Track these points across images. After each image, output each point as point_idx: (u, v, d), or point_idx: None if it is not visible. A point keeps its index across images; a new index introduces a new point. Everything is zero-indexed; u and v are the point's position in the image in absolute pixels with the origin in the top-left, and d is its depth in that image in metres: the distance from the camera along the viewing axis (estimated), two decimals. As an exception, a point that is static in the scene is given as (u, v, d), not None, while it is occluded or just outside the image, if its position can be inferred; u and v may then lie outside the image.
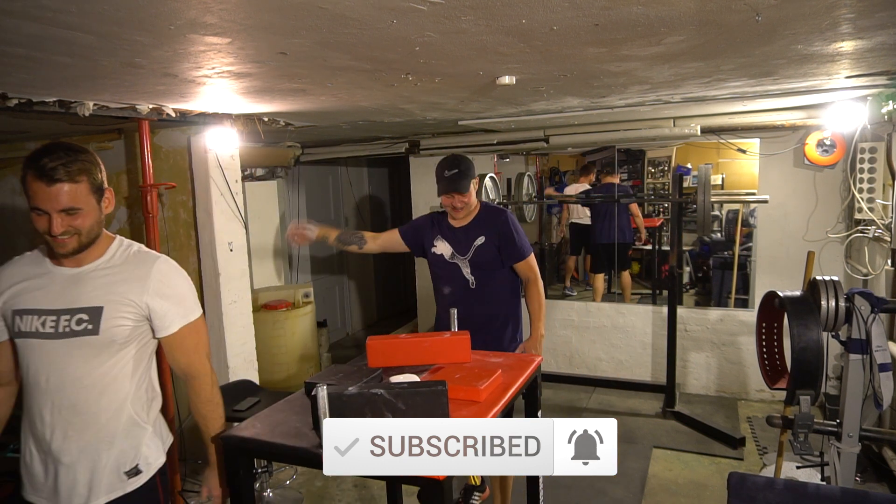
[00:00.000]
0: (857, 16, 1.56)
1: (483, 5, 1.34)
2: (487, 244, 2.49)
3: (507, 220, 2.51)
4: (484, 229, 2.51)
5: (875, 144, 3.53)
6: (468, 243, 2.52)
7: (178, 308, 1.61)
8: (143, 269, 1.59)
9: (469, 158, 2.53)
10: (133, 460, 1.58)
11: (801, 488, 1.68)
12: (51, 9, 1.24)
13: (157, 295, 1.57)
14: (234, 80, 2.09)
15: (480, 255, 2.51)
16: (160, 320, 1.58)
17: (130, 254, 1.63)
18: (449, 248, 2.58)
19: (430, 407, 1.60)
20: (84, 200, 1.49)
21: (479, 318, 2.47)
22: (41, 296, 1.53)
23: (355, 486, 3.33)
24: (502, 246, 2.50)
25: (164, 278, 1.60)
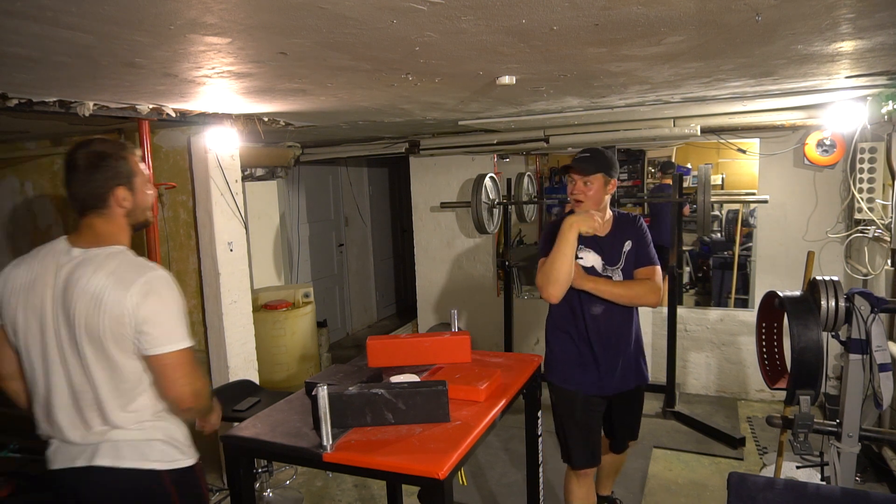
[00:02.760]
0: (857, 16, 1.56)
1: (483, 5, 1.34)
2: (633, 250, 2.31)
3: (643, 224, 2.36)
4: (628, 234, 2.33)
5: (875, 144, 3.53)
6: (618, 251, 2.30)
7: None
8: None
9: (611, 155, 2.31)
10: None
11: (801, 488, 1.68)
12: (51, 9, 1.24)
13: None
14: (234, 80, 2.09)
15: (629, 263, 2.30)
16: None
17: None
18: (598, 259, 2.30)
19: (430, 407, 1.61)
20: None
21: (630, 338, 2.34)
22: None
23: (355, 486, 3.33)
24: (638, 248, 2.32)
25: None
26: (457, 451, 1.46)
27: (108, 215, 1.60)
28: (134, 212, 1.64)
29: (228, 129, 3.15)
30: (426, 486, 1.44)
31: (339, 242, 6.36)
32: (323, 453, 1.49)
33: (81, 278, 1.52)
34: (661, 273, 2.30)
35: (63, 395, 1.55)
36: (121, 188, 1.58)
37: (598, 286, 2.22)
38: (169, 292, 1.55)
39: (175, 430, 1.64)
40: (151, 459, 1.57)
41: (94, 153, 1.56)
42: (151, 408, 1.59)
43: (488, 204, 4.53)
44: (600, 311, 2.28)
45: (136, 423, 1.56)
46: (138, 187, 1.63)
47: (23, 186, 3.89)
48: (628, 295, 2.25)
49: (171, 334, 1.55)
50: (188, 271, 3.33)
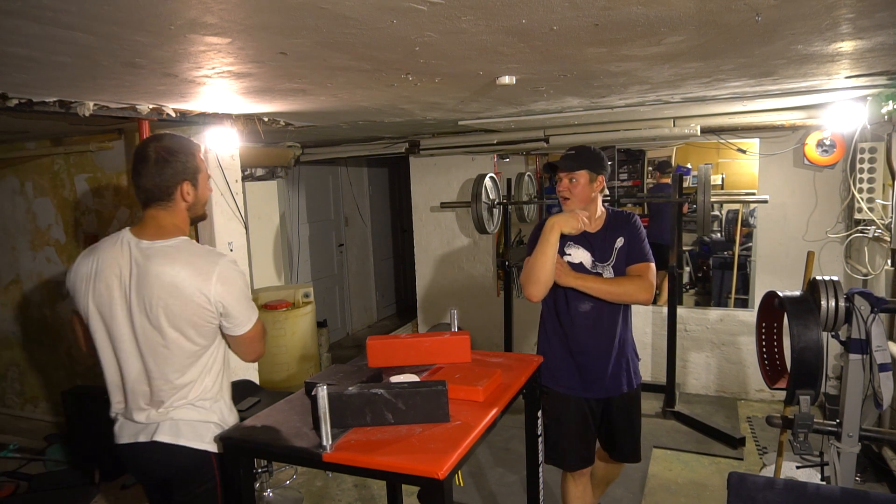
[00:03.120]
0: (857, 16, 1.56)
1: (483, 5, 1.34)
2: (625, 246, 2.26)
3: (638, 221, 2.32)
4: (621, 231, 2.28)
5: (875, 144, 3.53)
6: (609, 247, 2.27)
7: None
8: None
9: (598, 151, 2.28)
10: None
11: (800, 488, 1.69)
12: (51, 9, 1.24)
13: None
14: (234, 80, 2.09)
15: (621, 259, 2.26)
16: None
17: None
18: (588, 256, 2.28)
19: (430, 407, 1.61)
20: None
21: (617, 335, 2.29)
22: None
23: (355, 486, 3.33)
24: (631, 245, 2.27)
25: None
26: (457, 451, 1.46)
27: (171, 208, 1.69)
28: (195, 206, 1.74)
29: (228, 129, 3.16)
30: (426, 486, 1.44)
31: (339, 242, 6.36)
32: (323, 453, 1.49)
33: (155, 268, 1.61)
34: (654, 270, 2.24)
35: (132, 377, 1.68)
36: (186, 183, 1.69)
37: (586, 283, 2.19)
38: (239, 276, 1.69)
39: (228, 414, 1.77)
40: (205, 441, 1.69)
41: (165, 148, 1.65)
42: (213, 390, 1.72)
43: (488, 204, 4.53)
44: (588, 308, 2.24)
45: (197, 405, 1.69)
46: (201, 183, 1.74)
47: (23, 186, 3.89)
48: (617, 292, 2.19)
49: (250, 313, 1.72)
50: (188, 271, 3.33)
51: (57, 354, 3.99)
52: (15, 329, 4.14)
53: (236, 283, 1.67)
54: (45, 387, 4.09)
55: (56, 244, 3.83)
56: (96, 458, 3.53)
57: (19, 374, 4.20)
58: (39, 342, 4.05)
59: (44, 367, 4.06)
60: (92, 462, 3.51)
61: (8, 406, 4.29)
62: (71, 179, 3.70)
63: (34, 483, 3.34)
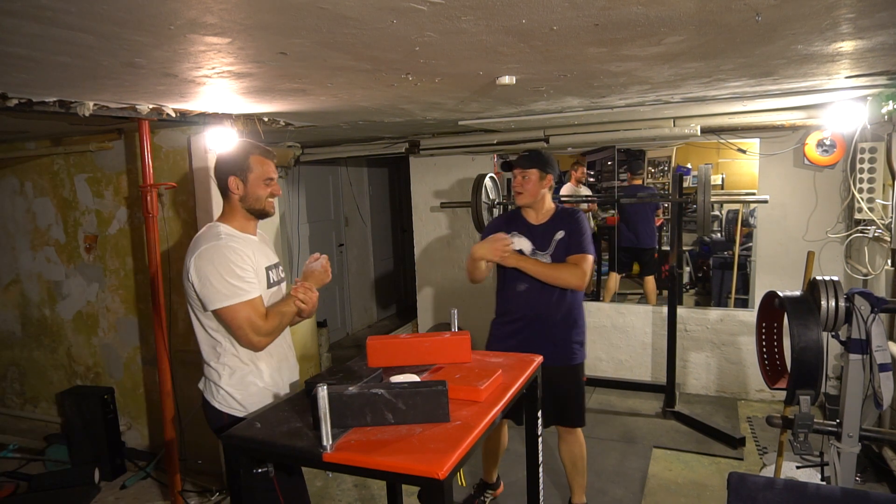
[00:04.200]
0: (857, 16, 1.56)
1: (483, 5, 1.34)
2: (565, 239, 2.61)
3: (582, 217, 2.66)
4: (562, 225, 2.63)
5: (875, 144, 3.53)
6: (549, 238, 2.63)
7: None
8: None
9: (549, 155, 2.68)
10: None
11: (801, 488, 1.69)
12: (51, 9, 1.24)
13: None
14: (234, 80, 2.09)
15: (560, 250, 2.60)
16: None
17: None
18: (528, 244, 2.65)
19: (430, 407, 1.60)
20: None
21: (554, 315, 2.61)
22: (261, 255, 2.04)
23: (355, 485, 3.33)
24: (571, 238, 2.60)
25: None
26: (457, 451, 1.46)
27: (229, 199, 2.02)
28: (245, 199, 1.99)
29: (228, 129, 3.15)
30: (426, 486, 1.43)
31: (339, 242, 6.36)
32: (323, 453, 1.49)
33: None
34: (591, 261, 2.56)
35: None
36: (233, 177, 1.97)
37: (526, 264, 2.55)
38: (208, 265, 1.87)
39: (224, 378, 1.99)
40: (217, 400, 2.00)
41: (230, 148, 2.04)
42: (213, 361, 2.01)
43: (488, 204, 4.53)
44: (524, 287, 2.60)
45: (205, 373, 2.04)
46: (251, 181, 1.98)
47: (22, 186, 3.89)
48: (552, 275, 2.54)
49: (216, 295, 1.87)
50: (188, 271, 3.33)
51: (57, 354, 3.99)
52: (15, 329, 4.14)
53: (209, 264, 1.87)
54: (45, 387, 4.09)
55: (56, 244, 3.83)
56: (96, 458, 3.53)
57: (19, 374, 4.20)
58: (39, 342, 4.05)
59: (43, 367, 4.07)
60: (92, 462, 3.51)
61: (8, 406, 4.29)
62: (71, 179, 3.70)
63: (34, 483, 3.35)
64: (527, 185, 2.61)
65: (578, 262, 2.55)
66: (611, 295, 5.49)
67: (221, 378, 2.00)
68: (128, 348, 3.69)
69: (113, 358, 3.76)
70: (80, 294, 3.80)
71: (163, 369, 3.10)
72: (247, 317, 1.89)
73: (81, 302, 3.81)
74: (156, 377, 3.34)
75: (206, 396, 2.05)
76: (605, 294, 5.53)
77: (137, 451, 3.74)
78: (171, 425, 3.15)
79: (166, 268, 3.30)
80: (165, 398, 3.13)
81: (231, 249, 1.90)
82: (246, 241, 1.99)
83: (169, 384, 3.13)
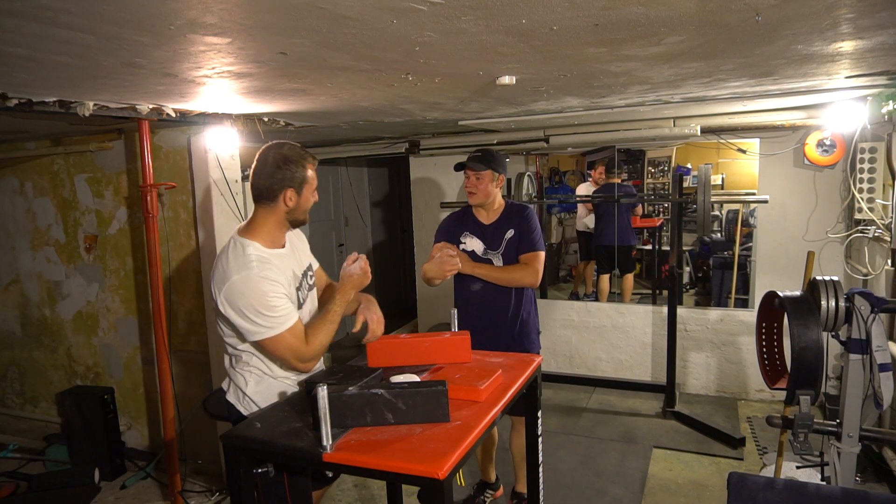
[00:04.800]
0: (857, 16, 1.56)
1: (483, 5, 1.34)
2: (515, 237, 2.65)
3: (530, 214, 2.68)
4: (512, 223, 2.67)
5: (875, 144, 3.53)
6: (499, 238, 2.67)
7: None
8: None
9: (500, 155, 2.70)
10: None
11: (801, 488, 1.68)
12: (51, 9, 1.24)
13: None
14: (234, 80, 2.09)
15: (511, 248, 2.65)
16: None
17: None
18: (480, 244, 2.70)
19: (430, 407, 1.60)
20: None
21: (507, 311, 2.66)
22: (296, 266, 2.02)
23: (355, 486, 3.33)
24: (521, 236, 2.64)
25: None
26: (457, 451, 1.46)
27: (272, 208, 1.90)
28: (294, 211, 1.92)
29: (228, 129, 3.16)
30: (426, 486, 1.44)
31: (339, 242, 6.36)
32: (323, 453, 1.49)
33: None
34: (542, 258, 2.61)
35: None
36: (290, 190, 1.88)
37: (481, 270, 2.62)
38: (241, 298, 1.79)
39: (250, 386, 1.95)
40: (242, 405, 1.96)
41: (282, 156, 1.87)
42: (257, 371, 1.95)
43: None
44: (478, 287, 2.66)
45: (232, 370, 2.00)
46: (305, 193, 1.92)
47: (22, 186, 3.89)
48: (506, 278, 2.61)
49: (254, 327, 1.81)
50: (188, 271, 3.33)
51: (57, 354, 3.99)
52: (15, 329, 4.14)
53: (236, 306, 1.79)
54: (45, 387, 4.09)
55: (56, 244, 3.83)
56: (96, 458, 3.53)
57: (19, 374, 4.20)
58: (39, 342, 4.05)
59: (43, 367, 4.06)
60: (92, 462, 3.51)
61: (8, 406, 4.29)
62: (71, 179, 3.70)
63: (34, 483, 3.35)
64: (480, 186, 2.63)
65: (530, 261, 2.60)
66: (605, 295, 5.49)
67: (248, 385, 1.95)
68: (128, 348, 3.69)
69: (113, 358, 3.76)
70: (80, 294, 3.80)
71: (163, 369, 3.10)
72: (288, 346, 1.84)
73: (81, 302, 3.81)
74: (156, 377, 3.34)
75: (230, 399, 2.00)
76: (601, 296, 5.53)
77: (137, 451, 3.74)
78: (171, 425, 3.15)
79: (166, 268, 3.30)
80: (165, 398, 3.13)
81: (264, 280, 1.80)
82: (276, 262, 1.89)
83: (169, 384, 3.13)
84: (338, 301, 1.99)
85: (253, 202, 1.93)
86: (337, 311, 1.97)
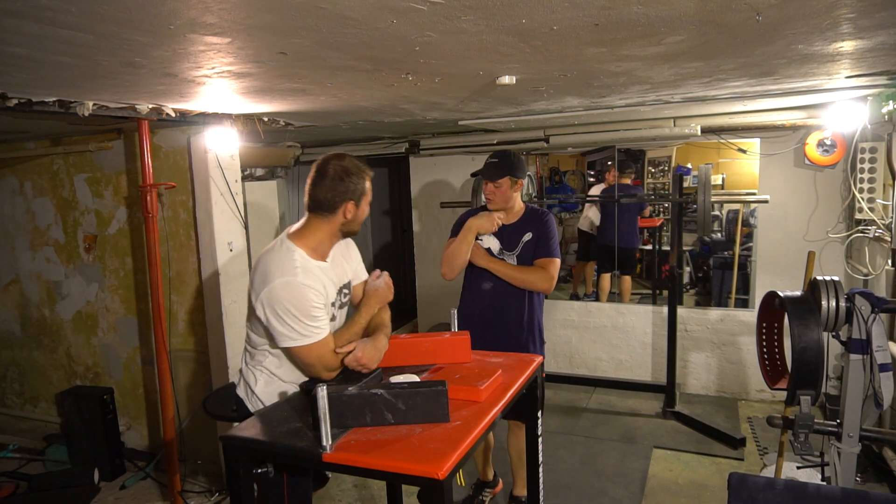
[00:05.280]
0: (857, 16, 1.56)
1: (483, 5, 1.34)
2: (533, 241, 2.63)
3: (550, 221, 2.68)
4: (530, 227, 2.66)
5: (875, 144, 3.53)
6: (517, 239, 2.65)
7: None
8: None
9: (518, 156, 2.66)
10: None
11: (801, 488, 1.68)
12: (51, 9, 1.24)
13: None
14: (234, 80, 2.09)
15: (526, 251, 2.64)
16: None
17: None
18: (497, 243, 2.69)
19: (430, 407, 1.60)
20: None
21: (515, 316, 2.65)
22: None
23: (355, 486, 3.33)
24: (539, 241, 2.63)
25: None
26: (457, 451, 1.46)
27: (329, 220, 1.91)
28: (351, 223, 1.94)
29: (228, 129, 3.15)
30: (426, 486, 1.43)
31: (339, 242, 6.34)
32: (323, 453, 1.49)
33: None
34: (557, 265, 2.60)
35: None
36: (350, 203, 1.90)
37: (495, 266, 2.60)
38: (282, 303, 1.80)
39: (259, 385, 1.98)
40: (250, 402, 1.99)
41: (343, 168, 1.88)
42: (268, 372, 1.97)
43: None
44: (489, 287, 2.64)
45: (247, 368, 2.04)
46: (362, 206, 1.95)
47: (22, 186, 3.89)
48: (520, 277, 2.59)
49: (288, 334, 1.83)
50: (188, 271, 3.33)
51: (56, 354, 3.99)
52: (14, 329, 4.13)
53: (284, 302, 1.80)
54: (45, 387, 4.09)
55: (55, 244, 3.83)
56: (96, 458, 3.53)
57: (19, 374, 4.20)
58: (39, 342, 4.04)
59: (43, 367, 4.06)
60: (91, 462, 3.51)
61: (7, 406, 4.29)
62: (70, 179, 3.70)
63: (34, 483, 3.34)
64: (498, 193, 2.62)
65: (546, 265, 2.58)
66: (605, 294, 5.49)
67: (257, 384, 1.97)
68: (127, 348, 3.68)
69: (112, 358, 3.75)
70: (80, 294, 3.80)
71: (162, 369, 3.10)
72: (318, 355, 1.86)
73: (81, 302, 3.81)
74: (155, 377, 3.34)
75: (240, 394, 2.04)
76: (601, 294, 5.53)
77: (137, 451, 3.74)
78: (171, 425, 3.14)
79: (166, 268, 3.29)
80: (165, 398, 3.12)
81: (308, 289, 1.82)
82: (320, 274, 1.90)
83: (168, 384, 3.12)
84: (363, 314, 2.03)
85: (307, 211, 1.93)
86: (361, 323, 2.01)
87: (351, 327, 1.99)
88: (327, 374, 1.90)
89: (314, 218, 1.92)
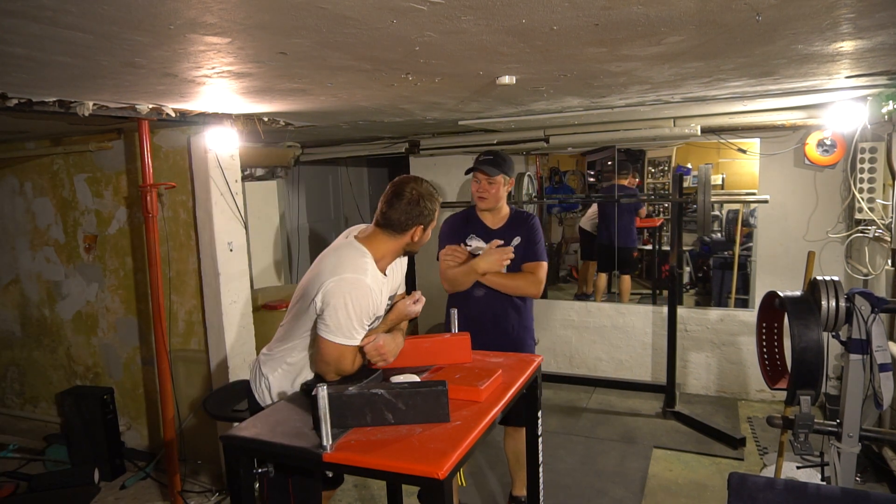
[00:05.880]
0: (857, 16, 1.56)
1: (483, 5, 1.34)
2: (522, 245, 2.62)
3: (536, 223, 2.67)
4: (518, 231, 2.64)
5: (875, 144, 3.53)
6: (506, 244, 2.61)
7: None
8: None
9: (508, 156, 2.66)
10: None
11: (801, 488, 1.68)
12: (51, 9, 1.24)
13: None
14: (234, 80, 2.09)
15: (515, 257, 2.60)
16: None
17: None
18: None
19: (430, 407, 1.60)
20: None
21: (507, 319, 2.64)
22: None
23: (355, 486, 3.33)
24: (527, 245, 2.62)
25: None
26: (457, 451, 1.46)
27: (397, 238, 1.95)
28: (414, 245, 1.99)
29: (228, 129, 3.15)
30: (426, 486, 1.44)
31: (338, 242, 6.35)
32: (323, 453, 1.49)
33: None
34: (545, 268, 2.61)
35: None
36: (420, 227, 1.95)
37: (486, 277, 2.57)
38: (344, 297, 1.81)
39: (278, 376, 2.02)
40: (262, 398, 2.04)
41: (419, 193, 1.94)
42: (287, 369, 2.01)
43: (488, 204, 4.53)
44: (482, 293, 2.62)
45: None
46: (427, 231, 2.00)
47: (22, 186, 3.89)
48: (511, 285, 2.59)
49: (332, 325, 1.84)
50: (188, 271, 3.33)
51: (56, 354, 3.99)
52: (14, 329, 4.13)
53: (345, 297, 1.82)
54: (45, 387, 4.09)
55: (55, 244, 3.83)
56: (96, 458, 3.53)
57: (19, 374, 4.20)
58: (39, 342, 4.04)
59: (43, 367, 4.06)
60: (91, 462, 3.51)
61: (7, 406, 4.29)
62: (70, 179, 3.70)
63: (34, 483, 3.34)
64: (492, 191, 2.60)
65: (534, 270, 2.59)
66: (601, 294, 5.49)
67: (271, 380, 2.01)
68: (127, 348, 3.68)
69: (112, 358, 3.75)
70: (80, 294, 3.80)
71: (162, 369, 3.10)
72: (339, 357, 1.87)
73: (81, 302, 3.81)
74: (155, 377, 3.34)
75: (252, 387, 2.08)
76: (597, 293, 5.53)
77: (137, 451, 3.74)
78: (171, 425, 3.14)
79: (166, 268, 3.29)
80: (165, 398, 3.12)
81: (371, 293, 1.86)
82: (381, 286, 1.95)
83: (168, 384, 3.12)
84: (386, 324, 2.06)
85: (375, 225, 1.98)
86: (383, 329, 2.04)
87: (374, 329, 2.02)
88: (333, 377, 1.91)
89: (382, 233, 1.96)
